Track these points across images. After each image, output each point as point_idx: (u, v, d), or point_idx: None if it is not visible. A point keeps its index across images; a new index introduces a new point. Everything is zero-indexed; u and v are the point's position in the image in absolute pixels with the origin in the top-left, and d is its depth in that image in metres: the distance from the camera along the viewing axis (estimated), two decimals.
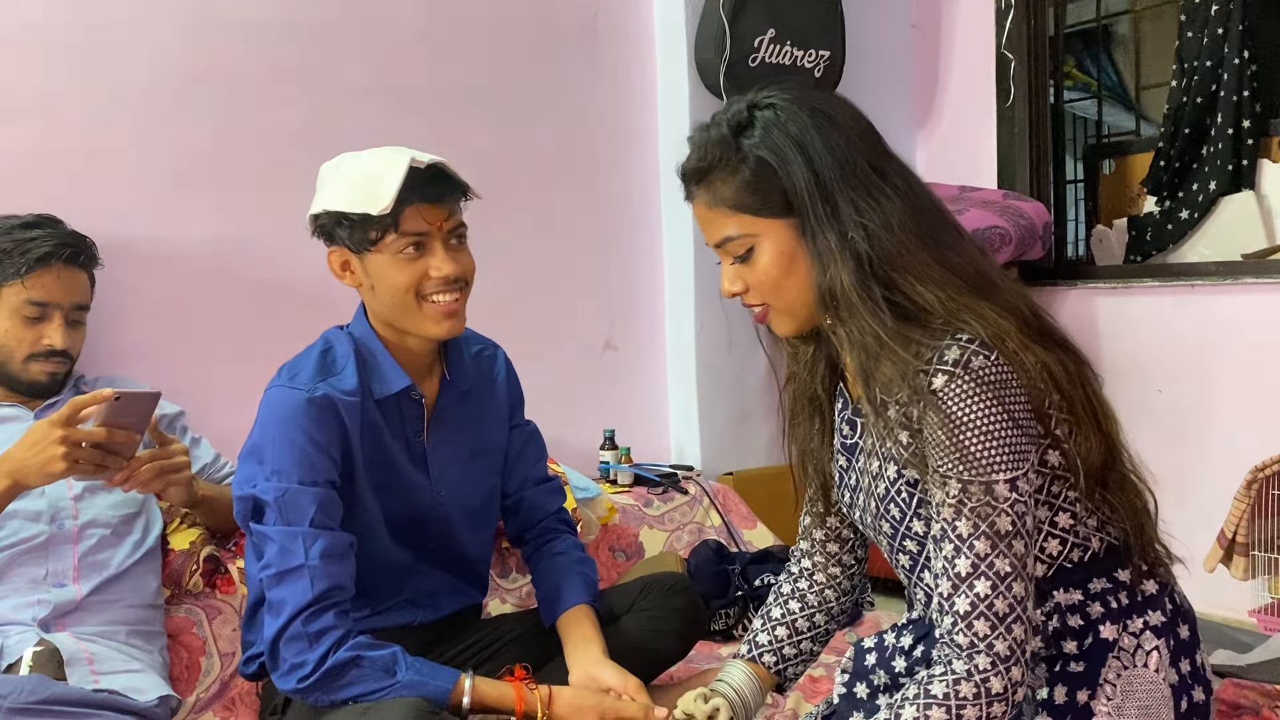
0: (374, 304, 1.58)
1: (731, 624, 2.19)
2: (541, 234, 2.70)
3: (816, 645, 1.49)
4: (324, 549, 1.47)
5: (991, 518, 1.11)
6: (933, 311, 1.15)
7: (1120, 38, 4.09)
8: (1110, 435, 1.22)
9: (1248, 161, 2.92)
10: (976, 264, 1.19)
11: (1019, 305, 1.18)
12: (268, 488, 1.48)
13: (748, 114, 1.21)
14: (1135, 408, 2.84)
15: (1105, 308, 2.94)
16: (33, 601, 1.61)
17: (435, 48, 2.51)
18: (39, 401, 1.80)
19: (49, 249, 1.75)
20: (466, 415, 1.71)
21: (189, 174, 2.14)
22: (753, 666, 1.46)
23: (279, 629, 1.44)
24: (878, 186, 1.18)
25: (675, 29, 2.83)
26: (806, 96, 1.23)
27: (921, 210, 1.19)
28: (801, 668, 1.49)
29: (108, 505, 1.74)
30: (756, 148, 1.19)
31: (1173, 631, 1.23)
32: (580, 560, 1.77)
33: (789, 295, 1.23)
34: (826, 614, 1.48)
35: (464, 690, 1.47)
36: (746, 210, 1.20)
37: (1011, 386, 1.12)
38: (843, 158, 1.18)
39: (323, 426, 1.50)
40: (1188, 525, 2.40)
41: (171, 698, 1.62)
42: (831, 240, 1.16)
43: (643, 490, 2.59)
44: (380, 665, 1.45)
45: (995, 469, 1.11)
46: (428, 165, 1.50)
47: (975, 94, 3.20)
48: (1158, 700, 1.19)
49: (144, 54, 2.11)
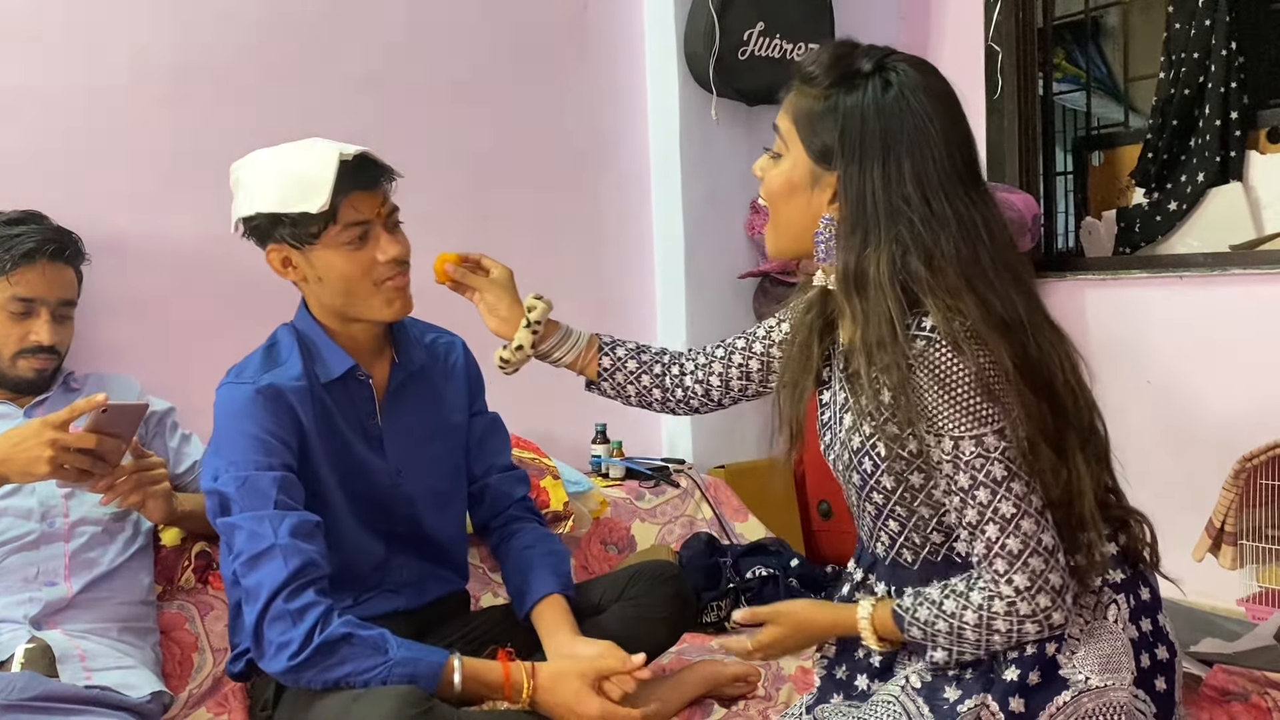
0: (320, 295, 1.62)
1: (723, 616, 2.19)
2: (532, 227, 2.69)
3: (635, 382, 1.58)
4: (292, 527, 1.48)
5: (986, 467, 1.18)
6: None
7: (1109, 29, 4.10)
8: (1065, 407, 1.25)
9: (1235, 153, 2.93)
10: (1010, 309, 1.21)
11: (1037, 357, 1.21)
12: (228, 479, 1.51)
13: (874, 68, 1.26)
14: (1124, 399, 2.86)
15: (1094, 299, 2.95)
16: (24, 599, 1.61)
17: (423, 43, 2.50)
18: (28, 399, 1.79)
19: (34, 245, 1.74)
20: (421, 396, 1.74)
21: (176, 170, 2.13)
22: (593, 337, 1.58)
23: (259, 612, 1.44)
24: (949, 197, 1.23)
25: (664, 23, 2.83)
26: (933, 82, 1.28)
27: (976, 238, 1.23)
28: (616, 375, 1.58)
29: (98, 503, 1.73)
30: (846, 100, 1.25)
31: (1133, 591, 1.29)
32: (549, 552, 1.76)
33: (780, 215, 1.32)
34: (667, 387, 1.58)
35: (454, 668, 1.48)
36: (798, 127, 1.29)
37: (983, 351, 1.18)
38: (929, 156, 1.23)
39: (272, 414, 1.54)
40: (1176, 515, 2.43)
41: (164, 694, 1.62)
42: (879, 225, 1.22)
43: (634, 484, 2.59)
44: (371, 644, 1.45)
45: (982, 422, 1.18)
46: (355, 156, 1.54)
47: (964, 86, 3.12)
48: (1118, 649, 1.24)
49: (130, 50, 2.10)
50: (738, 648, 1.45)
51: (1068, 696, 1.21)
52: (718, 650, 1.91)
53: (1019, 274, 1.25)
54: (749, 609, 1.44)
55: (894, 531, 1.32)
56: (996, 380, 1.18)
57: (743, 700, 1.75)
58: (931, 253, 1.20)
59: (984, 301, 1.19)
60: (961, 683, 1.26)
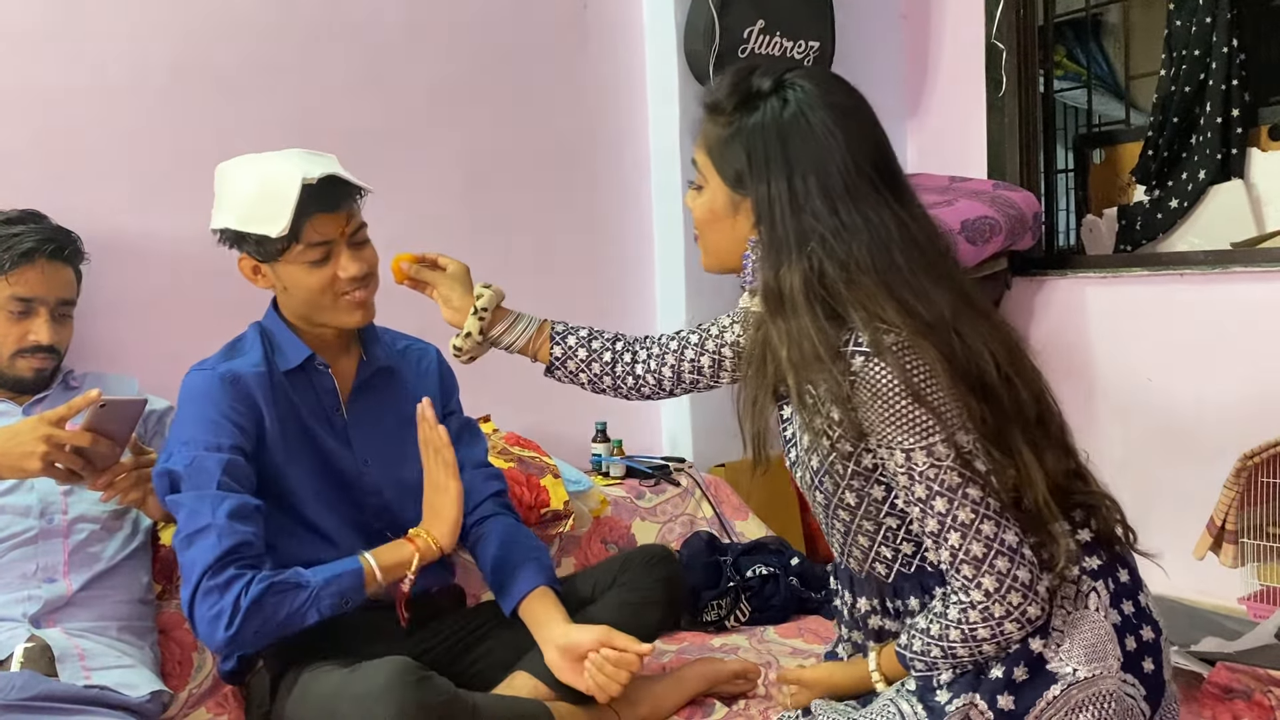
0: (288, 302, 1.69)
1: (724, 614, 2.19)
2: (532, 226, 2.69)
3: (586, 370, 1.63)
4: (230, 509, 1.51)
5: (940, 476, 1.20)
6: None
7: (1110, 27, 4.09)
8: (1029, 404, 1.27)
9: (1236, 150, 2.93)
10: (936, 310, 1.22)
11: (965, 356, 1.21)
12: (178, 459, 1.55)
13: (771, 88, 1.29)
14: (1125, 397, 2.86)
15: (1095, 297, 2.95)
16: (23, 597, 1.61)
17: (422, 41, 2.50)
18: (27, 397, 1.79)
19: (33, 244, 1.74)
20: (389, 391, 1.78)
21: (176, 169, 2.13)
22: (544, 324, 1.63)
23: (191, 591, 1.48)
24: (858, 205, 1.24)
25: (664, 20, 2.82)
26: (833, 94, 1.29)
27: (890, 242, 1.24)
28: (568, 364, 1.63)
29: (97, 500, 1.73)
30: (748, 123, 1.29)
31: (1111, 575, 1.29)
32: (529, 547, 1.75)
33: (709, 244, 1.40)
34: (617, 374, 1.62)
35: (372, 567, 1.54)
36: (711, 157, 1.35)
37: (924, 364, 1.20)
38: (833, 169, 1.24)
39: (229, 397, 1.59)
40: (1177, 513, 2.43)
41: (164, 693, 1.61)
42: (790, 243, 1.25)
43: (634, 482, 2.59)
44: (291, 583, 1.50)
45: (929, 431, 1.19)
46: (319, 180, 1.56)
47: (965, 84, 3.20)
48: (1102, 637, 1.24)
49: (130, 50, 2.09)
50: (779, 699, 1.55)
51: (1058, 690, 1.21)
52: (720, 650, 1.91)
53: (942, 271, 1.27)
54: (788, 671, 1.51)
55: (865, 546, 1.33)
56: (933, 387, 1.19)
57: (743, 699, 1.75)
58: (846, 264, 1.23)
59: (905, 306, 1.21)
60: (950, 684, 1.26)
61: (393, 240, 1.77)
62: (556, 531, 2.27)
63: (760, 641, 2.07)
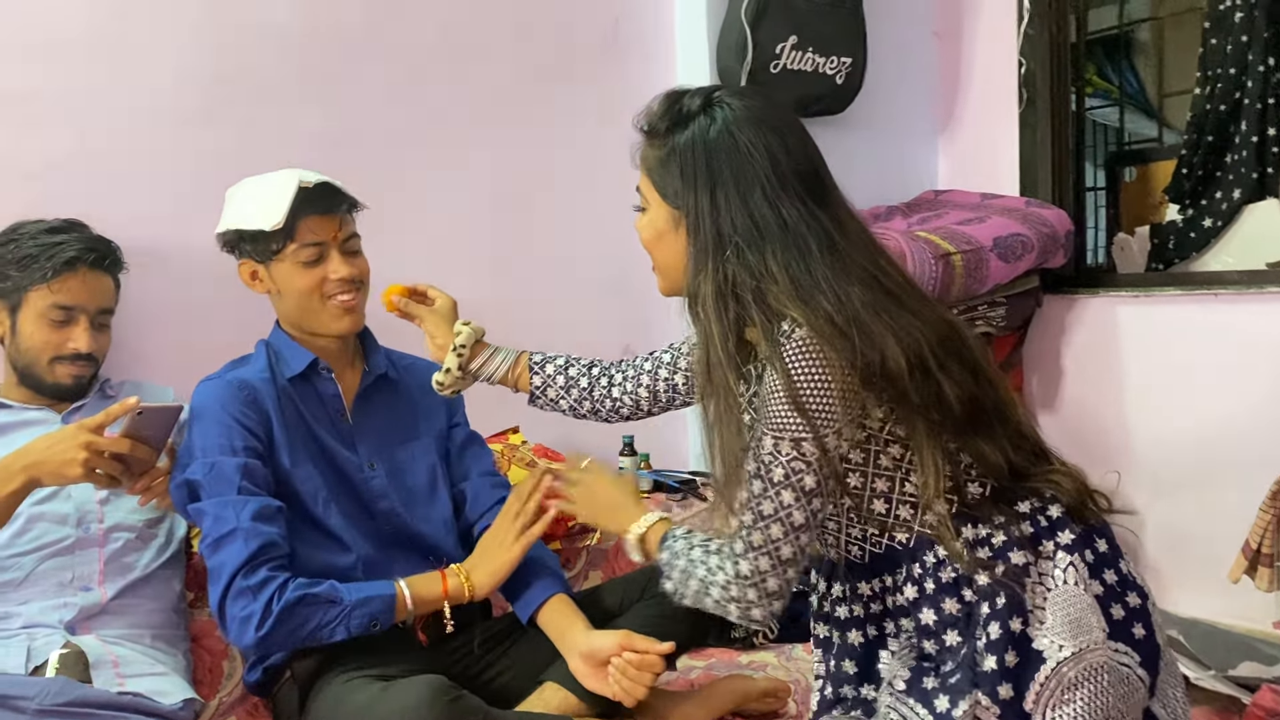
0: (282, 308, 1.77)
1: (752, 630, 2.18)
2: (561, 241, 2.69)
3: (565, 396, 1.68)
4: (254, 511, 1.56)
5: (771, 466, 1.26)
6: None
7: (1142, 45, 4.07)
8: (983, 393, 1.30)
9: (1272, 169, 2.90)
10: (843, 310, 1.25)
11: (873, 357, 1.24)
12: (197, 468, 1.60)
13: (700, 107, 1.35)
14: (1158, 417, 2.83)
15: (1127, 316, 2.92)
16: (59, 604, 1.63)
17: (456, 56, 2.51)
18: (65, 405, 1.81)
19: (74, 253, 1.76)
20: (393, 400, 1.84)
21: (213, 178, 2.13)
22: (521, 355, 1.68)
23: (222, 591, 1.52)
24: (777, 213, 1.29)
25: (697, 36, 2.82)
26: (759, 111, 1.35)
27: (804, 248, 1.28)
28: (548, 391, 1.68)
29: (133, 509, 1.74)
30: (680, 142, 1.35)
31: (1088, 545, 1.31)
32: (539, 554, 1.77)
33: (658, 260, 1.43)
34: (596, 398, 1.68)
35: (405, 594, 1.59)
36: (651, 177, 1.39)
37: (820, 364, 1.23)
38: (755, 181, 1.29)
39: (239, 403, 1.65)
40: (1211, 535, 2.40)
41: (195, 701, 1.62)
42: (709, 251, 1.31)
43: (662, 497, 2.58)
44: (325, 597, 1.54)
45: (783, 429, 1.24)
46: (315, 184, 1.68)
47: (997, 101, 3.18)
48: (1083, 609, 1.25)
49: (167, 58, 2.11)
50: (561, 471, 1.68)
51: (1048, 670, 1.22)
52: (748, 667, 1.89)
53: (863, 273, 1.29)
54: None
55: (834, 531, 1.37)
56: (818, 391, 1.22)
57: (773, 718, 1.74)
58: (757, 271, 1.28)
59: (814, 309, 1.24)
60: (946, 686, 1.26)
61: (424, 249, 1.78)
62: (585, 544, 2.28)
63: (788, 659, 2.05)
